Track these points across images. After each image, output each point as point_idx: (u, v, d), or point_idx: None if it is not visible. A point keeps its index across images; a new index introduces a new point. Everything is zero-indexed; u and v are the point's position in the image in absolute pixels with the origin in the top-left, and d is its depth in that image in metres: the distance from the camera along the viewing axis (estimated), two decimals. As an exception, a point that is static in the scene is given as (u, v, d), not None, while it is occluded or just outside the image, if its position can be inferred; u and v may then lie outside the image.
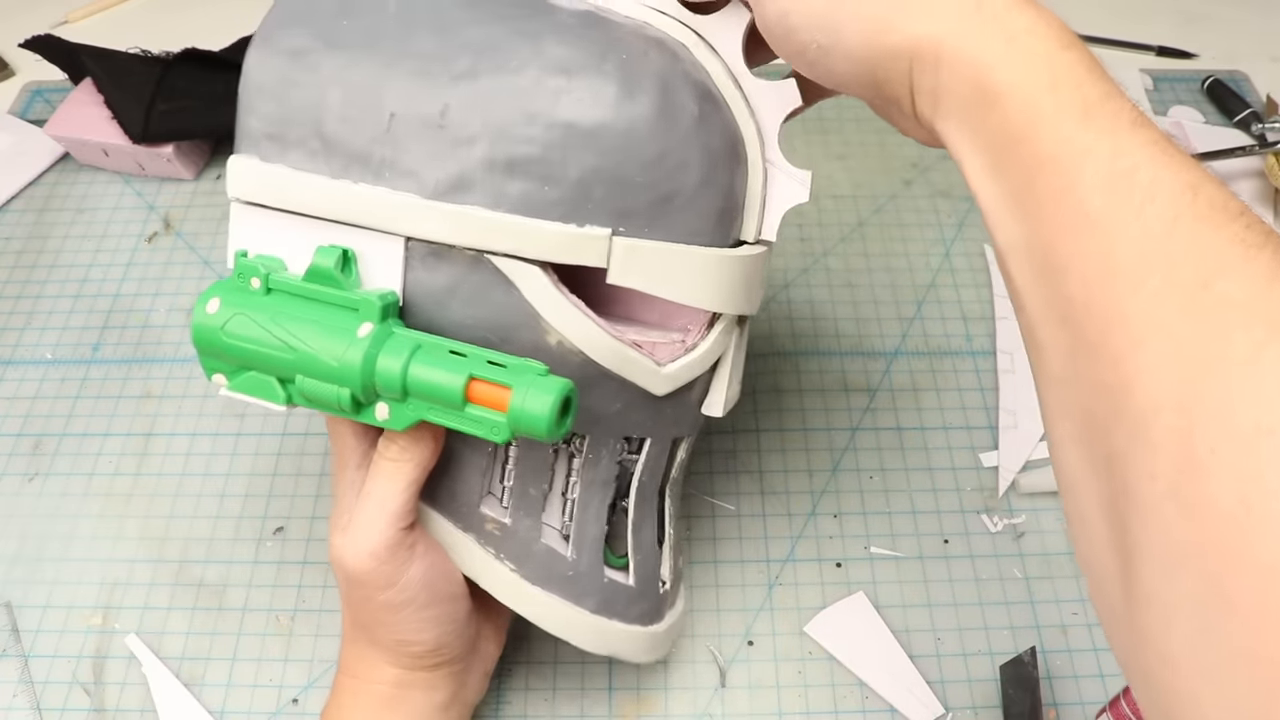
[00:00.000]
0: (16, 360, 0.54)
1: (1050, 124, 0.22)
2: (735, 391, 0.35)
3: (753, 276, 0.32)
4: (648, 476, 0.35)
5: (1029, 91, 0.23)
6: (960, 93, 0.24)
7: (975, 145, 0.24)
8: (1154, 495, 0.19)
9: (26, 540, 0.47)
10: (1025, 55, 0.23)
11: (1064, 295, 0.22)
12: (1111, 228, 0.21)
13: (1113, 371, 0.21)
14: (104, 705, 0.42)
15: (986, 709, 0.41)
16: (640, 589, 0.36)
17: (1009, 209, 0.24)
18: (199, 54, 0.61)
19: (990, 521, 0.47)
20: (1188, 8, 0.71)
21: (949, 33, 0.24)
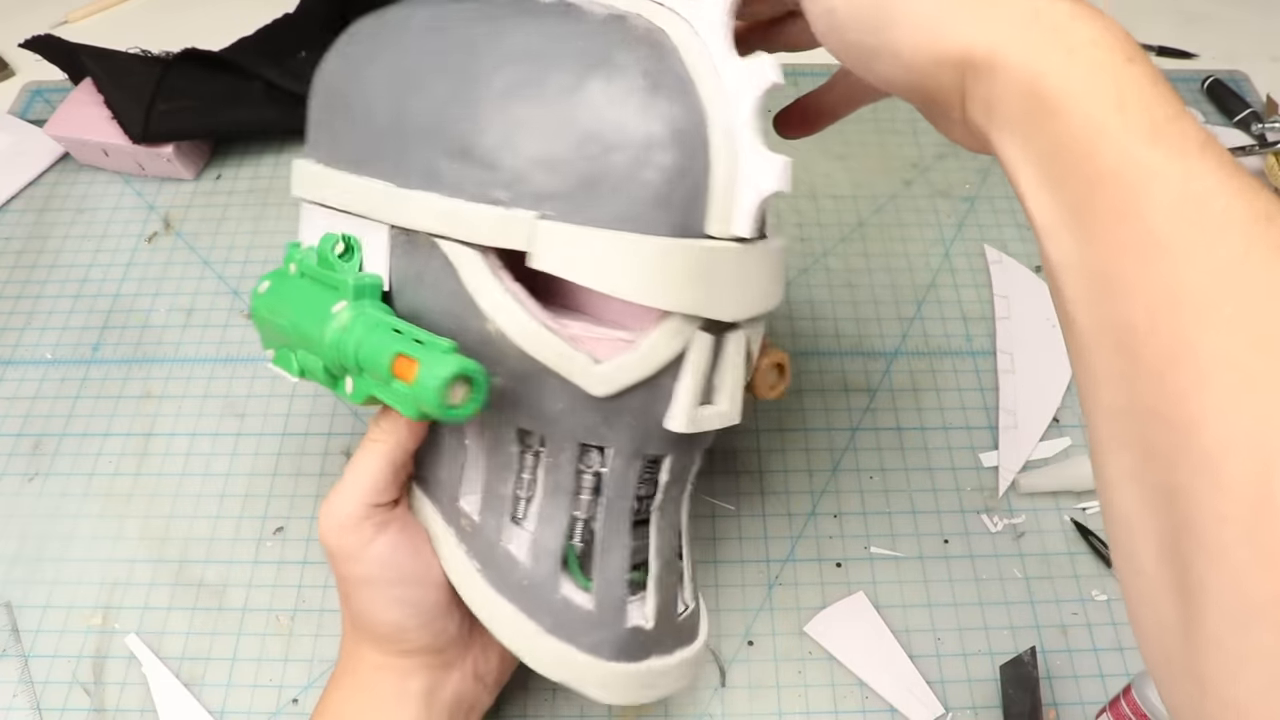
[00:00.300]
0: (16, 360, 0.54)
1: (1116, 142, 0.21)
2: (722, 410, 0.31)
3: (719, 273, 0.29)
4: (614, 493, 0.32)
5: (1093, 106, 0.22)
6: (1016, 102, 0.23)
7: (1030, 157, 0.23)
8: (1225, 539, 0.19)
9: (26, 540, 0.47)
10: (1088, 68, 0.22)
11: (1124, 320, 0.21)
12: (1180, 254, 0.20)
13: (1178, 405, 0.20)
14: (104, 705, 0.42)
15: (986, 709, 0.41)
16: (600, 616, 0.32)
17: (1065, 225, 0.23)
18: (199, 54, 0.61)
19: (990, 521, 0.47)
20: (1188, 8, 0.71)
21: (1006, 40, 0.23)
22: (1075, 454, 0.48)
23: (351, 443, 0.50)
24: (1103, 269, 0.22)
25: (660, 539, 0.34)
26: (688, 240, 0.28)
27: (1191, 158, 0.21)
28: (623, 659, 0.33)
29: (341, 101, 0.32)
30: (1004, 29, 0.23)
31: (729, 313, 0.30)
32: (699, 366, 0.30)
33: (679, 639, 0.35)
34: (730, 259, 0.29)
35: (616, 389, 0.29)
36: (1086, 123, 0.22)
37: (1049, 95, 0.22)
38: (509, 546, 0.32)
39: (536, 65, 0.28)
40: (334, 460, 0.49)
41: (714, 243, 0.28)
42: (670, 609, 0.34)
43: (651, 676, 0.34)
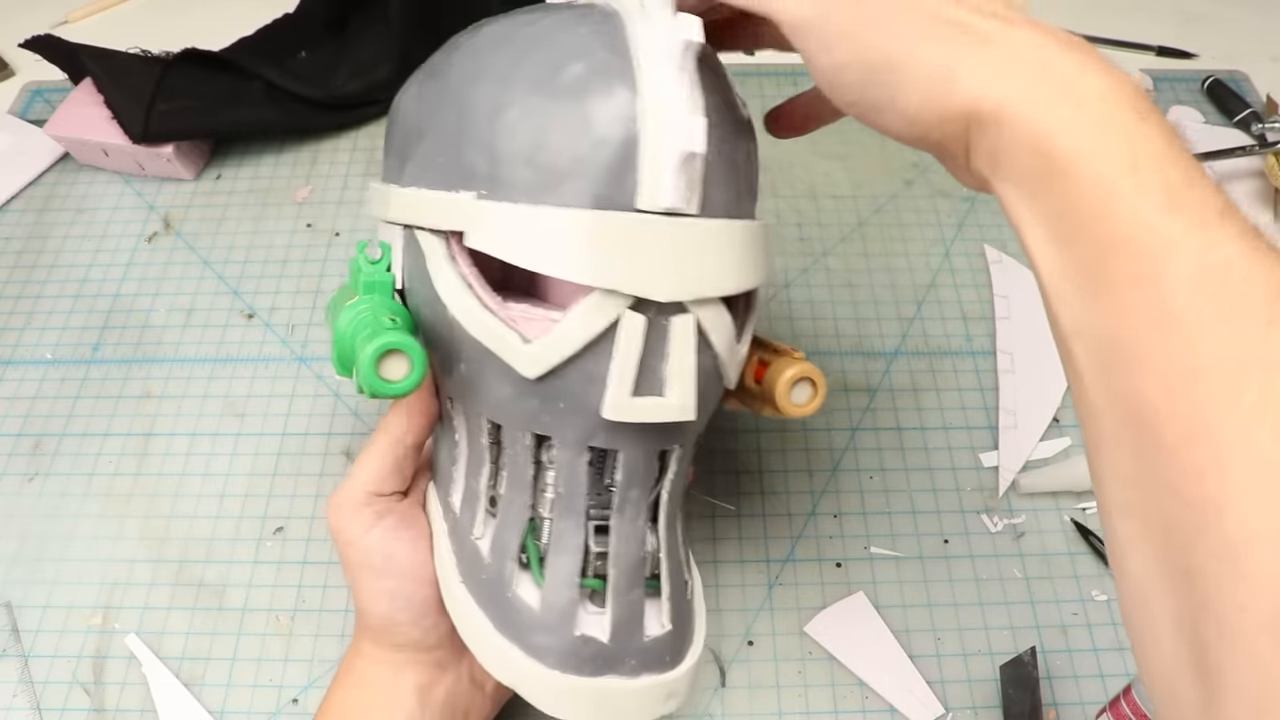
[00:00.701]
0: (16, 360, 0.54)
1: (1131, 207, 0.20)
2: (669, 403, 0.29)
3: (647, 248, 0.27)
4: (564, 488, 0.30)
5: (1105, 167, 0.21)
6: (1023, 158, 0.23)
7: (1037, 214, 0.23)
8: (1246, 628, 0.18)
9: (26, 540, 0.47)
10: (1099, 125, 0.21)
11: (1138, 392, 0.20)
12: (1199, 330, 0.19)
13: (1197, 486, 0.19)
14: (104, 705, 0.42)
15: (986, 709, 0.41)
16: (545, 619, 0.30)
17: (1075, 287, 0.22)
18: (199, 54, 0.61)
19: (990, 521, 0.47)
20: (1188, 8, 0.71)
21: (1013, 93, 0.22)
22: (1075, 454, 0.48)
23: (352, 443, 0.50)
24: (1115, 337, 0.21)
25: (620, 545, 0.31)
26: (608, 212, 0.27)
27: (1211, 227, 0.20)
28: (568, 670, 0.30)
29: (392, 122, 0.34)
30: (1011, 82, 0.22)
31: (660, 291, 0.27)
32: (629, 349, 0.28)
33: (647, 662, 0.31)
34: (661, 233, 0.27)
35: (544, 369, 0.28)
36: (1098, 184, 0.21)
37: (1057, 153, 0.22)
38: (477, 540, 0.32)
39: (489, 53, 0.29)
40: (334, 460, 0.49)
41: (640, 215, 0.27)
42: (632, 625, 0.31)
43: (605, 696, 0.31)
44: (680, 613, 0.33)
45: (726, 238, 0.28)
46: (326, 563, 0.46)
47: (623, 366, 0.28)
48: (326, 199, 0.60)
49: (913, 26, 0.23)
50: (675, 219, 0.27)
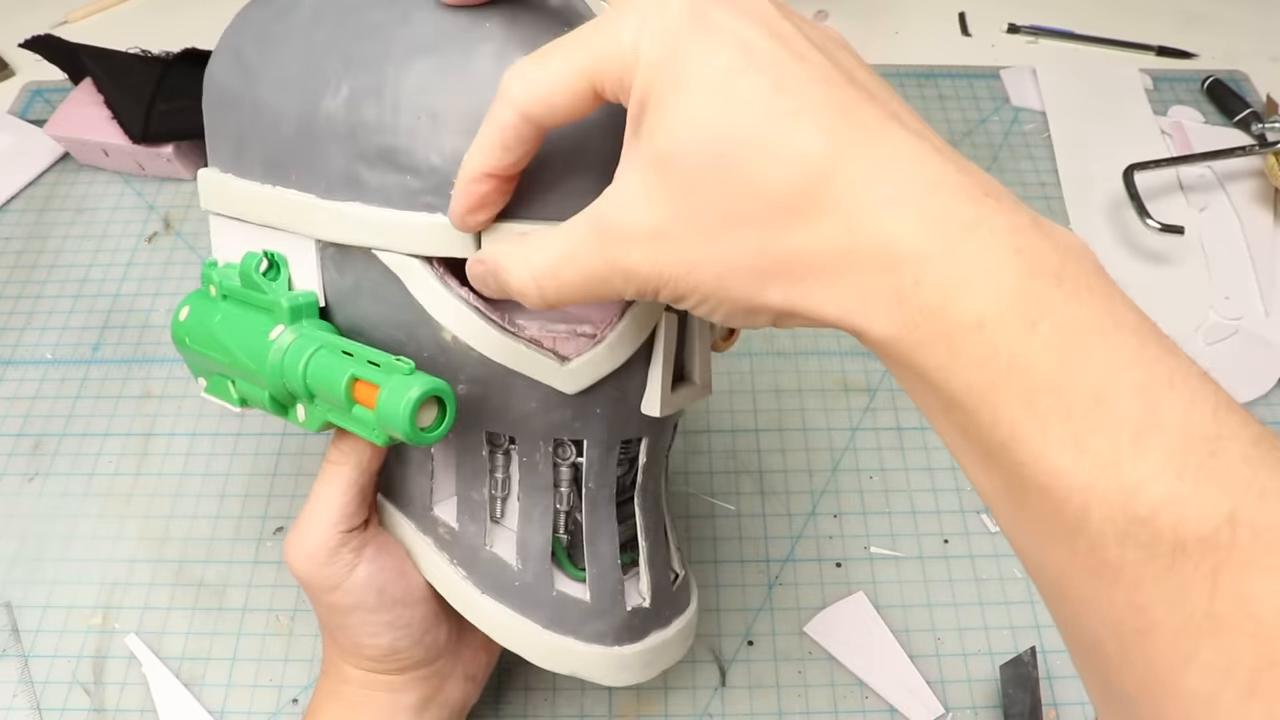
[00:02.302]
0: (16, 360, 0.54)
1: (1034, 448, 0.18)
2: (695, 392, 0.31)
3: None
4: (595, 483, 0.31)
5: (996, 404, 0.18)
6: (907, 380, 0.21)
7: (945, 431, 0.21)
8: None
9: (26, 540, 0.47)
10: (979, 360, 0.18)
11: (1090, 636, 0.19)
12: (1140, 584, 0.17)
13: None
14: (104, 705, 0.42)
15: (986, 709, 0.41)
16: (598, 605, 0.32)
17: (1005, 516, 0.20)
18: (199, 54, 0.61)
19: (990, 521, 0.47)
20: (1188, 8, 0.71)
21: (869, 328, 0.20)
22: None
23: (351, 443, 0.50)
24: (1056, 578, 0.19)
25: (646, 518, 0.33)
26: None
27: (1124, 463, 0.17)
28: (626, 641, 0.33)
29: (240, 104, 0.29)
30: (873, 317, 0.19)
31: None
32: (669, 348, 0.29)
33: (675, 608, 0.35)
34: None
35: (587, 384, 0.29)
36: (994, 423, 0.18)
37: (942, 388, 0.19)
38: (494, 549, 0.32)
39: (451, 52, 0.26)
40: (334, 460, 0.49)
41: None
42: (665, 582, 0.34)
43: (653, 654, 0.34)
44: (681, 556, 0.37)
45: None
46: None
47: (665, 366, 0.29)
48: (326, 199, 0.60)
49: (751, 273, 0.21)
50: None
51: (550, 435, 0.30)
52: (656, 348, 0.29)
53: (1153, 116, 0.64)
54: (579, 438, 0.31)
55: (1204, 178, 0.61)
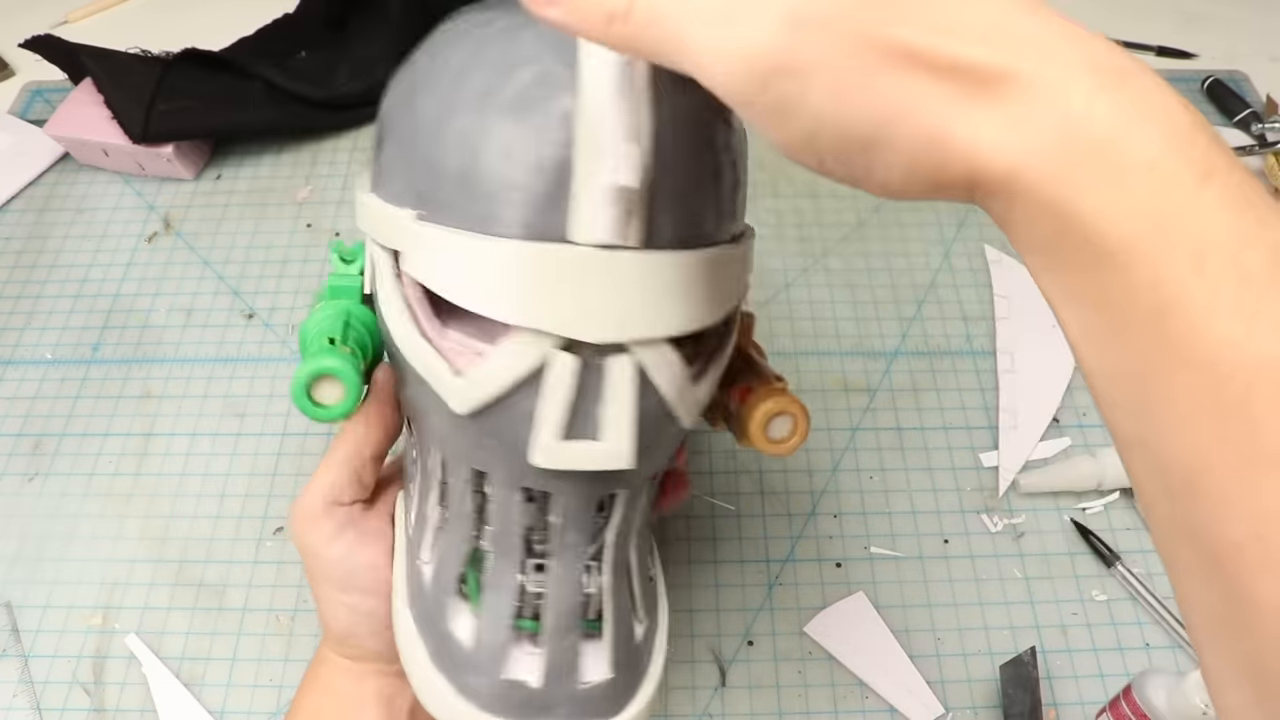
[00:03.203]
0: (16, 360, 0.54)
1: (1199, 316, 0.16)
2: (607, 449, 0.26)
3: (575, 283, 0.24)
4: (498, 526, 0.29)
5: (1157, 261, 0.16)
6: (1048, 235, 0.18)
7: (1072, 297, 0.18)
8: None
9: (26, 540, 0.47)
10: (1148, 207, 0.16)
11: (1222, 537, 0.17)
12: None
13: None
14: (104, 705, 0.42)
15: (986, 709, 0.41)
16: (477, 659, 0.29)
17: (1133, 400, 0.18)
18: (199, 54, 0.61)
19: (990, 521, 0.47)
20: (1188, 8, 0.71)
21: (1027, 161, 0.17)
22: (1075, 454, 0.48)
23: (351, 443, 0.50)
24: (1189, 468, 0.17)
25: (556, 588, 0.29)
26: (538, 244, 0.24)
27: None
28: (498, 713, 0.29)
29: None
30: (1025, 143, 0.17)
31: (591, 332, 0.25)
32: (559, 392, 0.25)
33: (583, 710, 0.29)
34: (593, 267, 0.24)
35: (472, 405, 0.26)
36: (1153, 286, 0.16)
37: (1094, 238, 0.17)
38: (422, 565, 0.31)
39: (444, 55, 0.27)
40: (334, 460, 0.49)
41: (572, 248, 0.24)
42: (566, 671, 0.29)
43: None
44: (625, 658, 0.30)
45: (674, 272, 0.25)
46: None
47: (551, 409, 0.26)
48: (326, 199, 0.60)
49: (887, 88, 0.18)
50: (611, 252, 0.24)
51: (461, 459, 0.28)
52: (544, 387, 0.25)
53: (1153, 116, 0.64)
54: (484, 469, 0.28)
55: (1204, 178, 0.61)
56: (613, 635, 0.30)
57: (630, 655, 0.31)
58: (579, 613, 0.29)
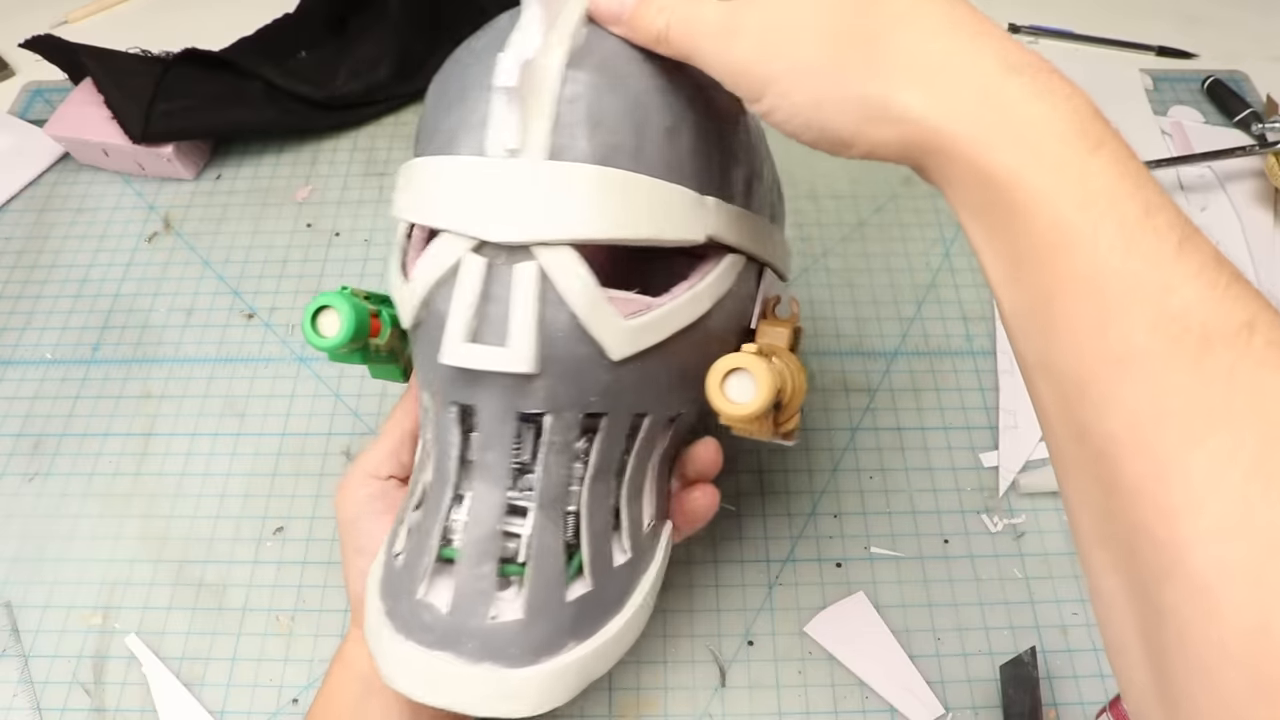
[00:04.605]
0: (16, 360, 0.54)
1: (1085, 249, 0.20)
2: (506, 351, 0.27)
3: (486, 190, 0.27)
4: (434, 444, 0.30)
5: (1054, 206, 0.21)
6: (971, 190, 0.22)
7: (992, 246, 0.23)
8: (1221, 667, 0.18)
9: (26, 540, 0.47)
10: (1046, 160, 0.21)
11: (1102, 430, 0.21)
12: (1163, 373, 0.19)
13: (1167, 526, 0.19)
14: (104, 705, 0.42)
15: (986, 709, 0.41)
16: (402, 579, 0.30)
17: (1036, 326, 0.22)
18: (199, 54, 0.61)
19: (990, 521, 0.47)
20: (1188, 8, 0.71)
21: (949, 124, 0.22)
22: (1075, 454, 0.48)
23: (352, 442, 0.50)
24: (1078, 376, 0.21)
25: (474, 514, 0.29)
26: (457, 156, 0.27)
27: (1167, 265, 0.20)
28: (409, 636, 0.29)
29: None
30: (947, 110, 0.22)
31: (491, 231, 0.26)
32: (466, 291, 0.27)
33: (488, 649, 0.28)
34: (497, 174, 0.26)
35: (412, 311, 0.29)
36: (1051, 225, 0.21)
37: (1005, 190, 0.21)
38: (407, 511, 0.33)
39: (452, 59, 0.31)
40: (334, 460, 0.49)
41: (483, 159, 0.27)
42: (474, 603, 0.29)
43: (438, 674, 0.28)
44: (548, 610, 0.29)
45: (580, 184, 0.26)
46: (326, 563, 0.46)
47: (459, 308, 0.27)
48: (326, 199, 0.60)
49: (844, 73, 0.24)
50: (515, 161, 0.26)
51: (423, 385, 0.31)
52: (456, 286, 0.27)
53: (1153, 116, 0.64)
54: (428, 389, 0.30)
55: (1204, 178, 0.61)
56: (534, 578, 0.29)
57: (556, 609, 0.29)
58: (494, 543, 0.29)
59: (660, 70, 0.28)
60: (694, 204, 0.29)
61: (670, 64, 0.28)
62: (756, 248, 0.33)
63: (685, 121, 0.29)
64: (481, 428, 0.29)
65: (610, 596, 0.31)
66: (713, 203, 0.30)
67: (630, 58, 0.28)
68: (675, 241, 0.28)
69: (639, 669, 0.42)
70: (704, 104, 0.30)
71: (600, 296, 0.27)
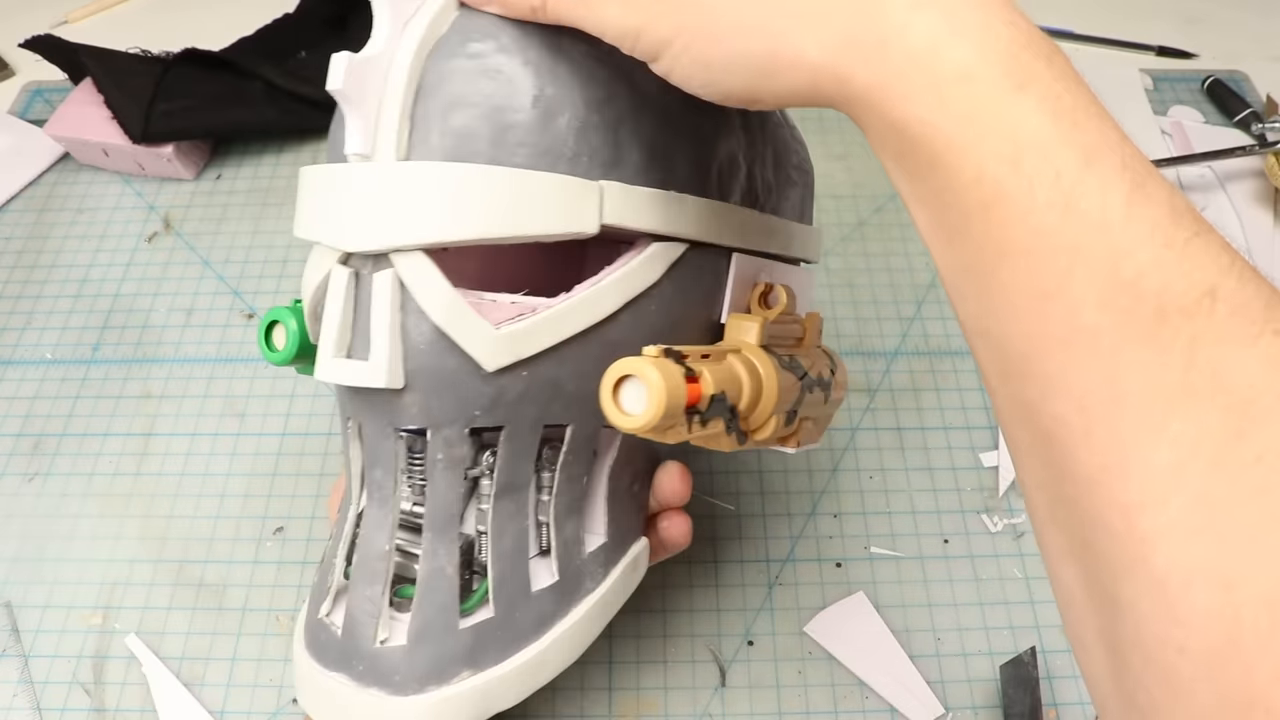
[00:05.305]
0: (16, 360, 0.54)
1: (1020, 211, 0.18)
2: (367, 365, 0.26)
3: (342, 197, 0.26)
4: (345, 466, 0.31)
5: (981, 161, 0.18)
6: (888, 140, 0.20)
7: (919, 197, 0.20)
8: (1184, 672, 0.17)
9: (26, 540, 0.47)
10: (961, 107, 0.18)
11: (1050, 411, 0.18)
12: (1116, 350, 0.17)
13: (1124, 520, 0.17)
14: (104, 705, 0.42)
15: (986, 709, 0.41)
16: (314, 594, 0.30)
17: (973, 288, 0.19)
18: (199, 54, 0.61)
19: (990, 521, 0.47)
20: (1188, 8, 0.71)
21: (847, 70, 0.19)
22: (1075, 454, 0.48)
23: (351, 443, 0.50)
24: (1021, 350, 0.19)
25: (366, 528, 0.28)
26: (320, 165, 0.27)
27: (1114, 226, 0.17)
28: (311, 652, 0.29)
29: None
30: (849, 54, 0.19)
31: (347, 240, 0.25)
32: (333, 304, 0.26)
33: (374, 674, 0.28)
34: (350, 180, 0.25)
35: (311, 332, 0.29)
36: (977, 184, 0.18)
37: (925, 143, 0.19)
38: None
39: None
40: (334, 460, 0.49)
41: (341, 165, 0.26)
42: (361, 625, 0.28)
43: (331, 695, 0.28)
44: (432, 633, 0.28)
45: (432, 181, 0.25)
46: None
47: (328, 321, 0.26)
48: (326, 199, 0.60)
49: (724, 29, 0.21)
50: (365, 165, 0.25)
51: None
52: (326, 299, 0.26)
53: (1153, 116, 0.64)
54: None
55: (1204, 178, 0.61)
56: (420, 603, 0.28)
57: (444, 635, 0.28)
58: (382, 563, 0.28)
59: (543, 45, 0.26)
60: (578, 192, 0.26)
61: (560, 37, 0.26)
62: (712, 233, 0.30)
63: (573, 100, 0.26)
64: (366, 445, 0.28)
65: (524, 623, 0.30)
66: (616, 188, 0.26)
67: (503, 37, 0.25)
68: (552, 235, 0.26)
69: (639, 669, 0.42)
70: (617, 78, 0.27)
71: (460, 303, 0.26)
